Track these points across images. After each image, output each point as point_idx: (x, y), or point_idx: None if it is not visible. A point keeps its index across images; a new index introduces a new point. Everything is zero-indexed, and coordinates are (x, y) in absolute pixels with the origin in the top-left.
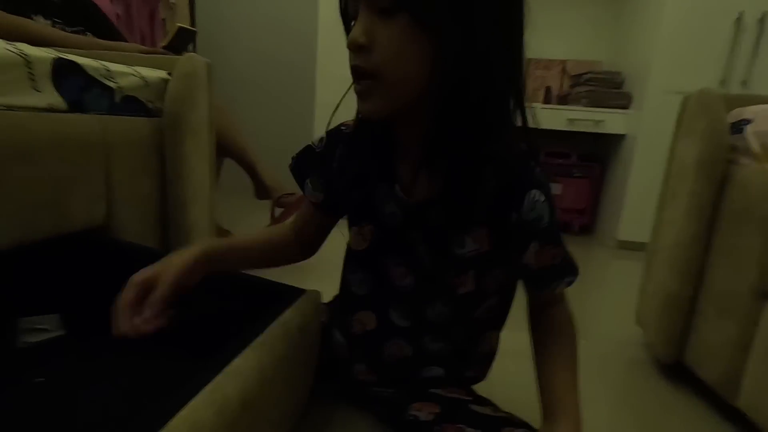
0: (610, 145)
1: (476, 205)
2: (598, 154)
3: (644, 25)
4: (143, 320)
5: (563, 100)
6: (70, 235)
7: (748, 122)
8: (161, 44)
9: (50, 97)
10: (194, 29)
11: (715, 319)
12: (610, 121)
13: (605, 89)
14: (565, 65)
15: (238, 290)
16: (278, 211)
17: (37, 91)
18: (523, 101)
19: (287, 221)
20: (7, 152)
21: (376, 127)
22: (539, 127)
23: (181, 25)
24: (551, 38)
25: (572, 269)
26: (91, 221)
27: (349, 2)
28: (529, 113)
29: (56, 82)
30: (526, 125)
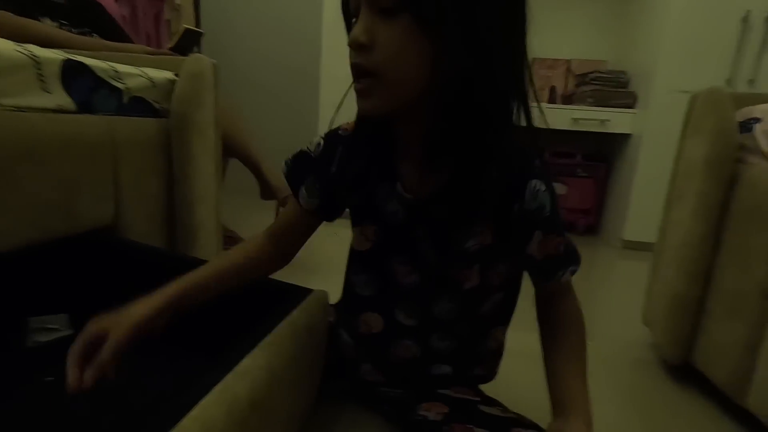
0: (615, 144)
1: (483, 199)
2: (603, 153)
3: (650, 24)
4: (89, 377)
5: (568, 99)
6: (78, 235)
7: (757, 121)
8: (168, 45)
9: (59, 98)
10: (201, 30)
11: (723, 319)
12: (615, 120)
13: (610, 88)
14: (569, 64)
15: (245, 289)
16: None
17: (46, 92)
18: (526, 101)
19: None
20: (18, 153)
21: (376, 125)
22: (545, 126)
23: (187, 26)
24: (556, 37)
25: (576, 257)
26: (99, 221)
27: (350, 0)
28: (533, 113)
29: (65, 83)
30: (530, 125)
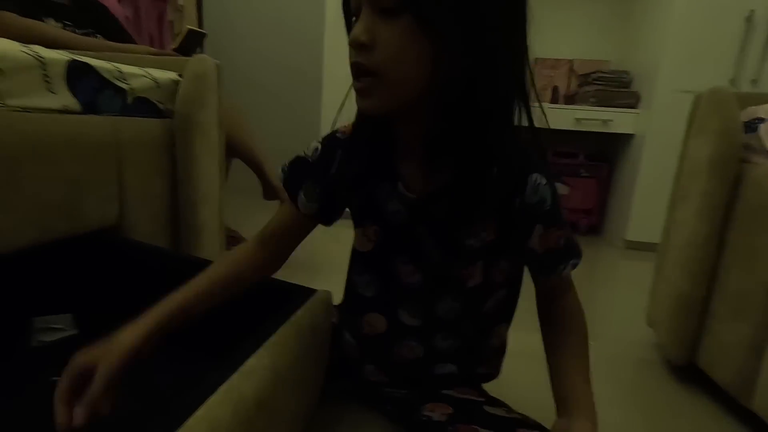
0: (618, 144)
1: (486, 196)
2: (605, 153)
3: (653, 23)
4: (80, 414)
5: (571, 99)
6: (82, 235)
7: (761, 121)
8: (172, 46)
9: (65, 98)
10: (204, 31)
11: (728, 319)
12: (618, 120)
13: (613, 88)
14: (572, 64)
15: (248, 289)
16: None
17: (52, 92)
18: (527, 100)
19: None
20: (24, 153)
21: (375, 125)
22: (548, 127)
23: (191, 27)
24: (558, 37)
25: (577, 251)
26: (103, 221)
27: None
28: (535, 113)
29: (70, 83)
30: (531, 124)
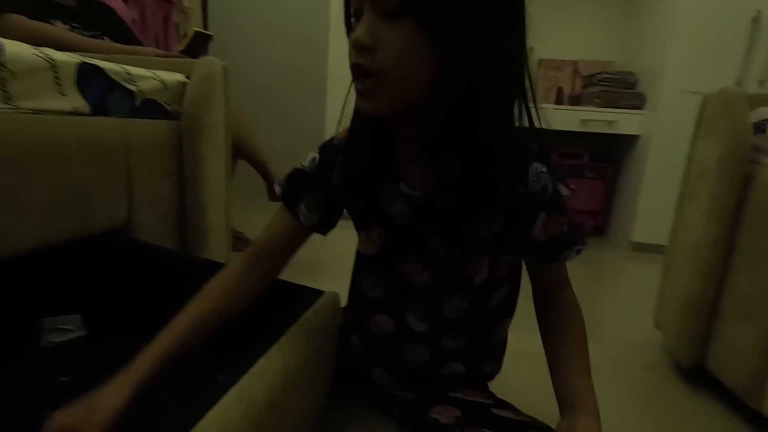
0: (623, 145)
1: (495, 190)
2: (611, 154)
3: (658, 24)
4: None
5: (576, 100)
6: (91, 236)
7: None
8: (178, 48)
9: (75, 100)
10: (210, 33)
11: (738, 322)
12: (623, 121)
13: (618, 89)
14: (577, 65)
15: None
16: None
17: (62, 95)
18: (527, 100)
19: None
20: (35, 155)
21: (375, 125)
22: (550, 127)
23: (197, 29)
24: (563, 38)
25: (580, 236)
26: (112, 223)
27: (352, 0)
28: (536, 114)
29: (80, 86)
30: (533, 125)
